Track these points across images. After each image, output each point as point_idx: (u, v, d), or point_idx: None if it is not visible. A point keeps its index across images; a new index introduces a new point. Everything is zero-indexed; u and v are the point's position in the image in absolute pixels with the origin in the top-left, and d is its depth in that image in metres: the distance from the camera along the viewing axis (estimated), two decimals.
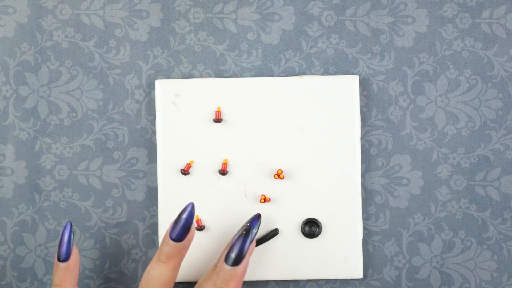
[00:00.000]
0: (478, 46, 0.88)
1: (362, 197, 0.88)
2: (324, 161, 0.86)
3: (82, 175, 0.89)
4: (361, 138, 0.88)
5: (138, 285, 0.89)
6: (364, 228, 0.88)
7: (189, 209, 0.72)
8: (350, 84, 0.86)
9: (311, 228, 0.87)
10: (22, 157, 0.88)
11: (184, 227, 0.72)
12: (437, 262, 0.88)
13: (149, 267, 0.74)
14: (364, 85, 0.88)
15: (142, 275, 0.89)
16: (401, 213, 0.88)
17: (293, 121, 0.86)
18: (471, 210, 0.88)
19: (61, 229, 0.88)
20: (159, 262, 0.74)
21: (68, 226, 0.77)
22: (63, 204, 0.89)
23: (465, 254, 0.88)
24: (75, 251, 0.78)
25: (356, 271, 0.86)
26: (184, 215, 0.72)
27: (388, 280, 0.89)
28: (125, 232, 0.89)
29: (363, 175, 0.88)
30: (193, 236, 0.73)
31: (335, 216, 0.86)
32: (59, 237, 0.86)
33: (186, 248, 0.73)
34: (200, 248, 0.87)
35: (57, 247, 0.88)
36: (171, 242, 0.73)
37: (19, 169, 0.88)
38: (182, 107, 0.87)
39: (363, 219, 0.88)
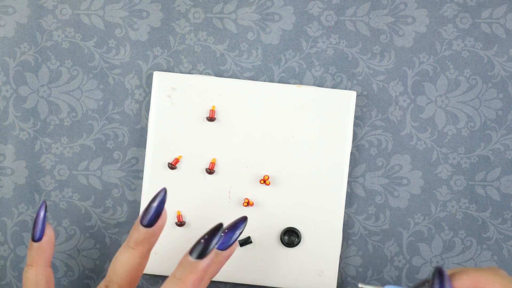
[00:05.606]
0: (478, 46, 0.88)
1: (362, 197, 0.88)
2: (311, 172, 0.86)
3: (82, 175, 0.89)
4: (361, 138, 0.88)
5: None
6: (364, 228, 0.88)
7: (161, 195, 0.71)
8: (346, 99, 0.86)
9: (290, 237, 0.86)
10: (22, 157, 0.88)
11: (155, 213, 0.71)
12: (437, 262, 0.88)
13: (117, 253, 0.72)
14: (364, 85, 0.88)
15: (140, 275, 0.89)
16: (401, 213, 0.88)
17: (285, 128, 0.86)
18: (471, 210, 0.88)
19: (61, 229, 0.89)
20: (127, 248, 0.72)
21: (43, 206, 0.76)
22: (63, 204, 0.89)
23: (465, 254, 0.88)
24: (48, 232, 0.76)
25: (330, 286, 0.86)
26: (156, 201, 0.71)
27: (388, 280, 0.89)
28: (125, 232, 0.89)
29: (363, 175, 0.88)
30: (164, 224, 0.72)
31: (316, 228, 0.86)
32: (35, 217, 0.86)
33: (156, 236, 0.72)
34: (178, 244, 0.86)
35: (57, 247, 0.88)
36: (141, 228, 0.71)
37: (19, 169, 0.88)
38: (177, 101, 0.86)
39: (363, 219, 0.88)
